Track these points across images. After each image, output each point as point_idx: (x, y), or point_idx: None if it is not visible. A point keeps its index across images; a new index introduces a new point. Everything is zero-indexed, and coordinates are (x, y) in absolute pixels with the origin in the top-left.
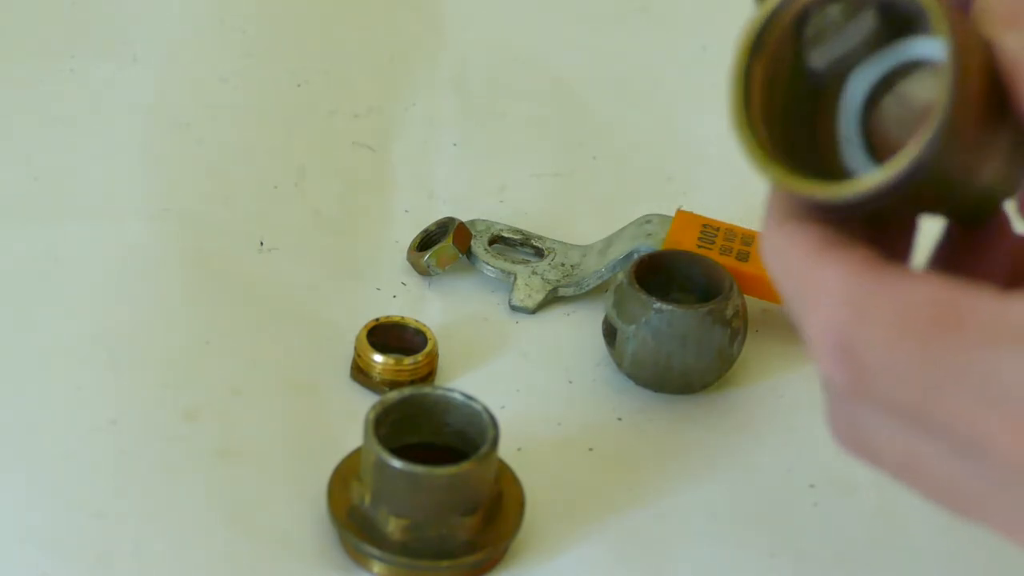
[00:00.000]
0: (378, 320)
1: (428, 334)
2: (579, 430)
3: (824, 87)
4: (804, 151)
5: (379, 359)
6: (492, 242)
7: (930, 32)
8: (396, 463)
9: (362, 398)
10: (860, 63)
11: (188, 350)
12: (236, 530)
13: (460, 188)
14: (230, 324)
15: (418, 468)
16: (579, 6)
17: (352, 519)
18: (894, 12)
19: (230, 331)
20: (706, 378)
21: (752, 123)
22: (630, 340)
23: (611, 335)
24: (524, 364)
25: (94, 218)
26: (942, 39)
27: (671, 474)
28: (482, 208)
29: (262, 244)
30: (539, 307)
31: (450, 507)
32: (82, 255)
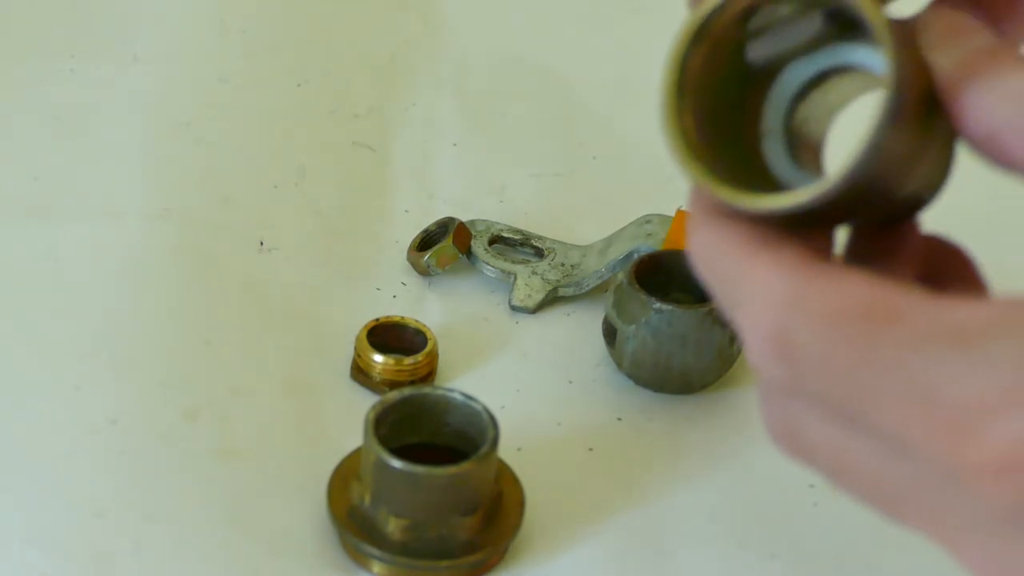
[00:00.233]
0: (378, 320)
1: (428, 334)
2: (579, 430)
3: (757, 80)
4: (727, 142)
5: (379, 359)
6: (492, 242)
7: (873, 44)
8: (396, 463)
9: (362, 398)
10: (797, 60)
11: (188, 350)
12: (236, 530)
13: (460, 188)
14: (230, 324)
15: (418, 468)
16: (579, 6)
17: (352, 519)
18: (841, 17)
19: (230, 331)
20: (706, 378)
21: (681, 114)
22: (630, 340)
23: (611, 335)
24: (524, 364)
25: (94, 218)
26: (884, 53)
27: (671, 474)
28: (482, 208)
29: (262, 244)
30: (539, 307)
31: (450, 507)
32: (82, 255)
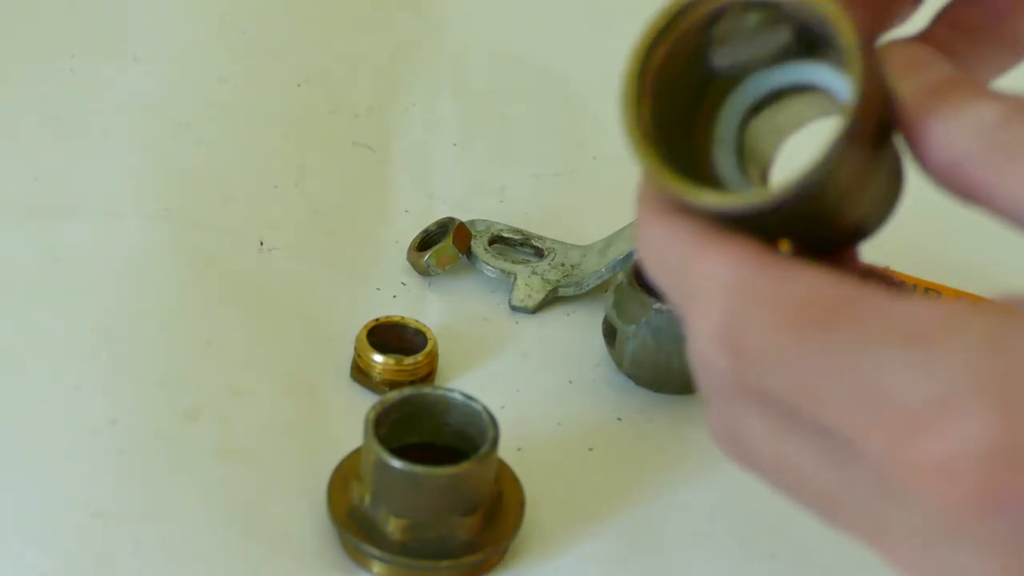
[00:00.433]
0: (378, 320)
1: (428, 334)
2: (579, 430)
3: (716, 87)
4: (680, 143)
5: (379, 359)
6: (492, 242)
7: (837, 64)
8: (396, 463)
9: (362, 398)
10: (758, 71)
11: (188, 350)
12: (236, 530)
13: (460, 188)
14: (230, 324)
15: (418, 468)
16: (579, 6)
17: (352, 519)
18: (808, 33)
19: (230, 331)
20: None
21: (640, 105)
22: (630, 340)
23: (611, 335)
24: (524, 364)
25: (94, 218)
26: (851, 71)
27: (671, 474)
28: (482, 208)
29: (262, 244)
30: (539, 307)
31: (450, 507)
32: (82, 255)
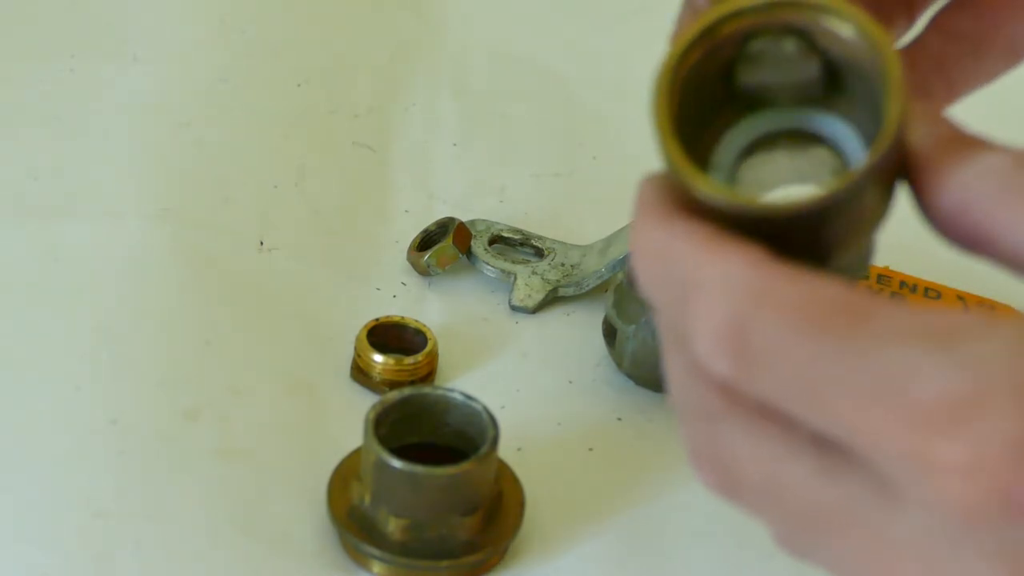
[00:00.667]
0: (378, 320)
1: (428, 334)
2: (579, 430)
3: (729, 108)
4: (689, 150)
5: (379, 359)
6: (492, 242)
7: (853, 119)
8: (396, 463)
9: (362, 398)
10: (772, 107)
11: (188, 350)
12: (236, 530)
13: (460, 188)
14: (230, 324)
15: (418, 468)
16: (579, 6)
17: (352, 519)
18: (836, 72)
19: (230, 331)
20: None
21: (670, 100)
22: (630, 340)
23: (611, 335)
24: (524, 364)
25: (94, 218)
26: (891, 103)
27: (671, 474)
28: (482, 208)
29: (262, 244)
30: (539, 307)
31: (450, 507)
32: (82, 255)
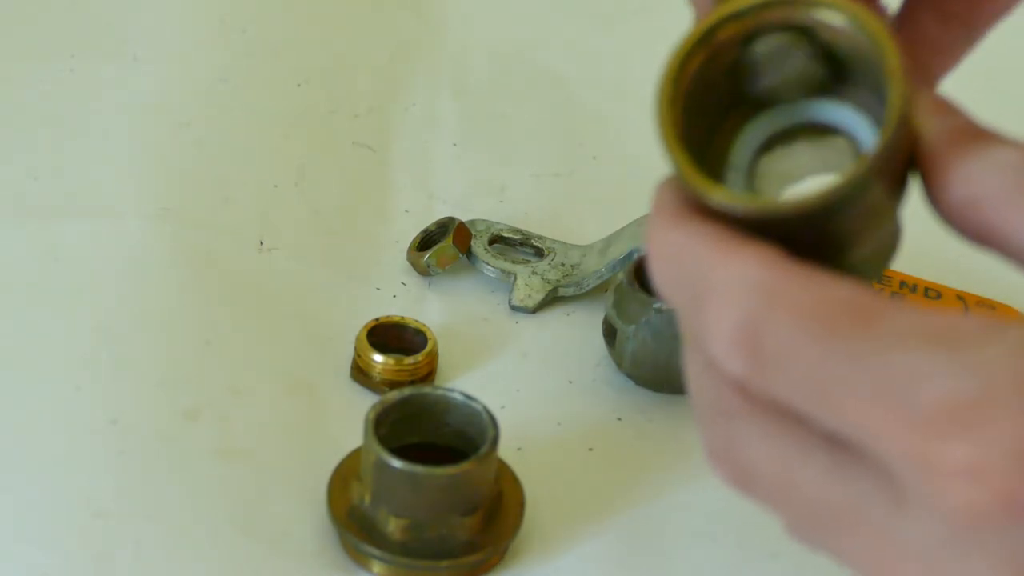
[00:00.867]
0: (378, 320)
1: (428, 334)
2: (579, 430)
3: (739, 109)
4: (695, 155)
5: (379, 359)
6: (492, 242)
7: (866, 109)
8: (396, 463)
9: (362, 398)
10: (782, 104)
11: (188, 350)
12: (236, 530)
13: (460, 188)
14: (230, 324)
15: (418, 468)
16: (579, 6)
17: (352, 519)
18: (841, 67)
19: (230, 331)
20: None
21: (673, 106)
22: (630, 340)
23: (611, 335)
24: (524, 364)
25: (94, 218)
26: (892, 101)
27: (671, 474)
28: (482, 208)
29: (262, 244)
30: (539, 307)
31: (450, 507)
32: (82, 255)
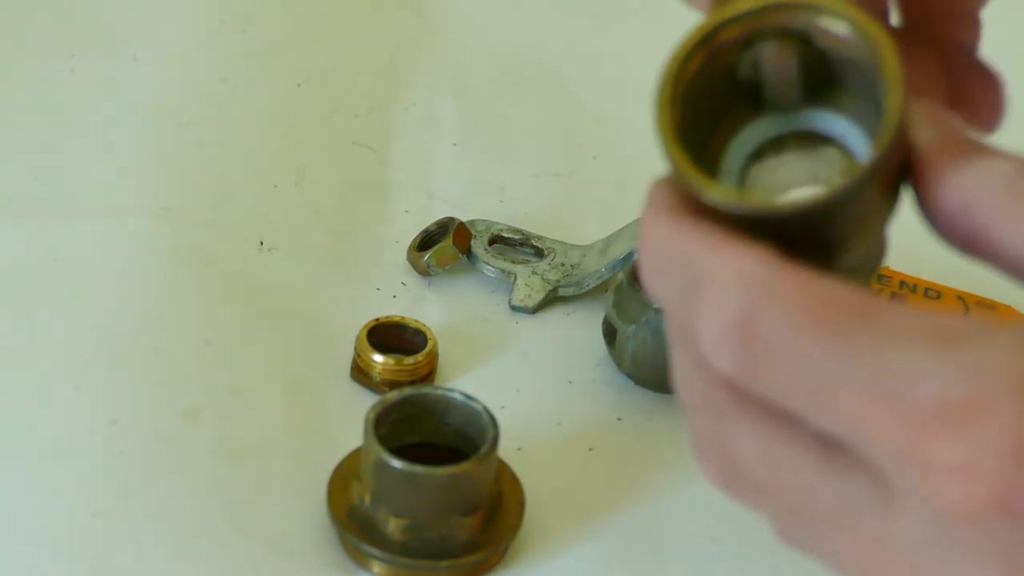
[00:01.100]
0: (378, 320)
1: (428, 334)
2: (579, 430)
3: (735, 113)
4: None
5: (379, 359)
6: (492, 242)
7: (861, 118)
8: (396, 463)
9: (362, 398)
10: (776, 111)
11: (188, 350)
12: (236, 530)
13: (460, 188)
14: (230, 324)
15: (418, 468)
16: (579, 6)
17: (352, 519)
18: (837, 74)
19: (230, 331)
20: None
21: (673, 105)
22: (630, 340)
23: (611, 335)
24: (524, 364)
25: (94, 218)
26: (889, 106)
27: (671, 474)
28: (482, 208)
29: (262, 244)
30: (539, 307)
31: (450, 507)
32: (82, 255)
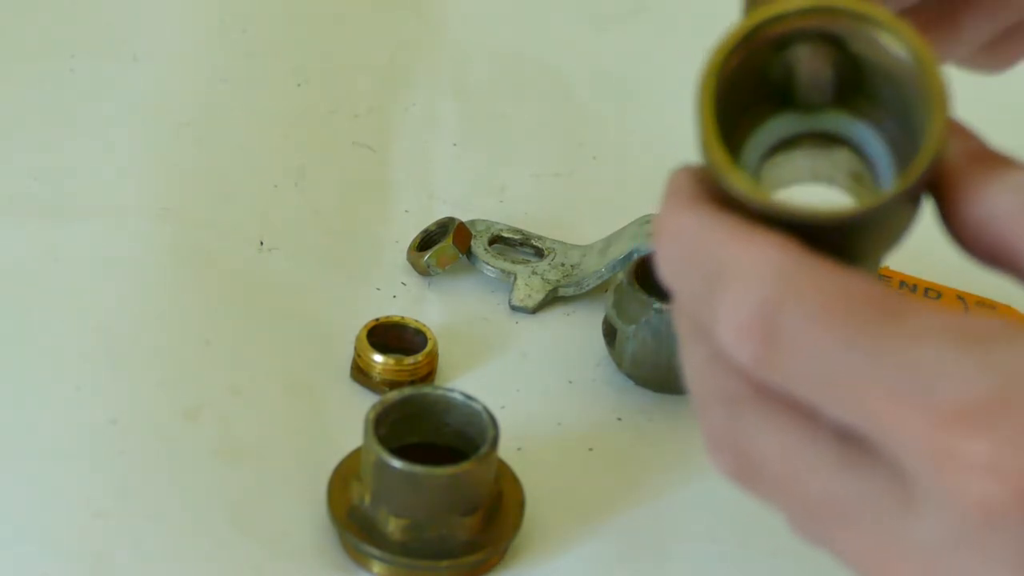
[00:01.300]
0: (378, 320)
1: (428, 334)
2: (579, 430)
3: (759, 108)
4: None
5: (379, 359)
6: (492, 242)
7: (881, 128)
8: (396, 463)
9: (362, 398)
10: (805, 105)
11: (188, 350)
12: (236, 530)
13: (460, 188)
14: (230, 324)
15: (418, 468)
16: (579, 6)
17: (352, 519)
18: (875, 80)
19: (230, 331)
20: None
21: (714, 101)
22: (630, 340)
23: (611, 335)
24: (524, 364)
25: (94, 218)
26: (932, 121)
27: (671, 474)
28: (482, 208)
29: (262, 244)
30: (539, 307)
31: (450, 507)
32: (82, 255)
